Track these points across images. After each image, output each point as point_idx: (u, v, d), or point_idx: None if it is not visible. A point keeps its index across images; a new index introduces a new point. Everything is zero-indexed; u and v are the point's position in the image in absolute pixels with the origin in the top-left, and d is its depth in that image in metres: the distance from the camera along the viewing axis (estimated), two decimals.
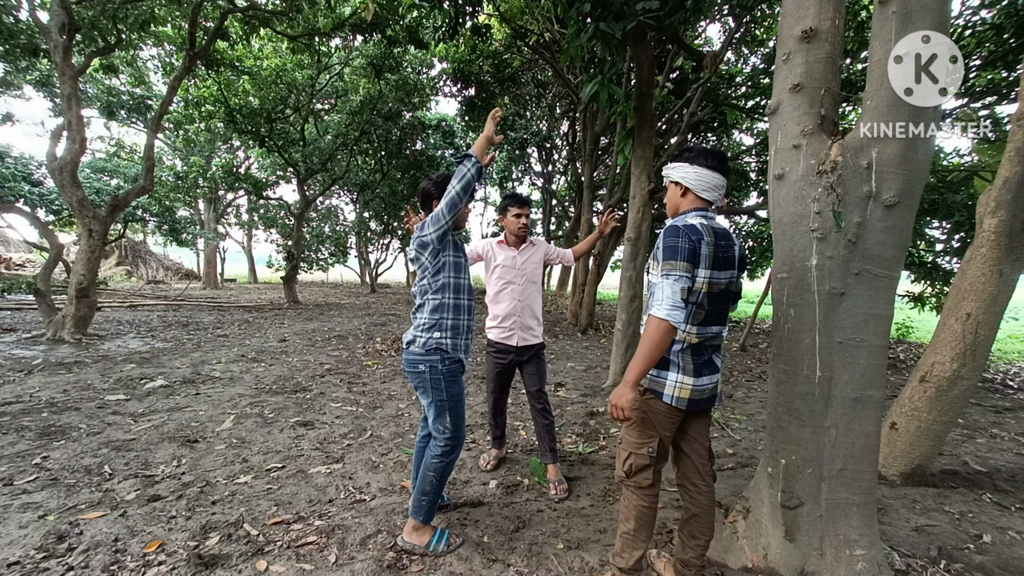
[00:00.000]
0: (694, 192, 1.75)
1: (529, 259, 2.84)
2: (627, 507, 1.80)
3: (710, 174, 1.72)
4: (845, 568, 1.81)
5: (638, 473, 1.76)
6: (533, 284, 2.85)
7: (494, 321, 2.82)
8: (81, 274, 6.67)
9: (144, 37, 8.39)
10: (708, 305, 1.68)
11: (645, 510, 1.77)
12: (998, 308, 2.67)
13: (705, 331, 1.71)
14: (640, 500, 1.77)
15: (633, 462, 1.76)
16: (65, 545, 2.06)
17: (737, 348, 7.67)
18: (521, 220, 2.76)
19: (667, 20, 4.12)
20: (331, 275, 26.26)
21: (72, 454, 2.98)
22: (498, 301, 2.81)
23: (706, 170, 1.72)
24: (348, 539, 2.16)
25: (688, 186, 1.75)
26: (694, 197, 1.76)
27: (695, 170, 1.74)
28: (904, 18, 1.67)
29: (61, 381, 4.60)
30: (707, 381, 1.72)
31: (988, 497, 2.81)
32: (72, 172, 6.58)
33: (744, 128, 10.47)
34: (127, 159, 17.95)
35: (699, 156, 1.74)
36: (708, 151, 1.75)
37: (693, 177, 1.74)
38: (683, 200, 1.79)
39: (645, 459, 1.75)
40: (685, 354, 1.70)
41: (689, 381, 1.69)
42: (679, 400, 1.69)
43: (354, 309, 12.28)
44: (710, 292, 1.66)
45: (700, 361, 1.71)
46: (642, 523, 1.77)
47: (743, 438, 3.70)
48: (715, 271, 1.66)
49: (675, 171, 1.79)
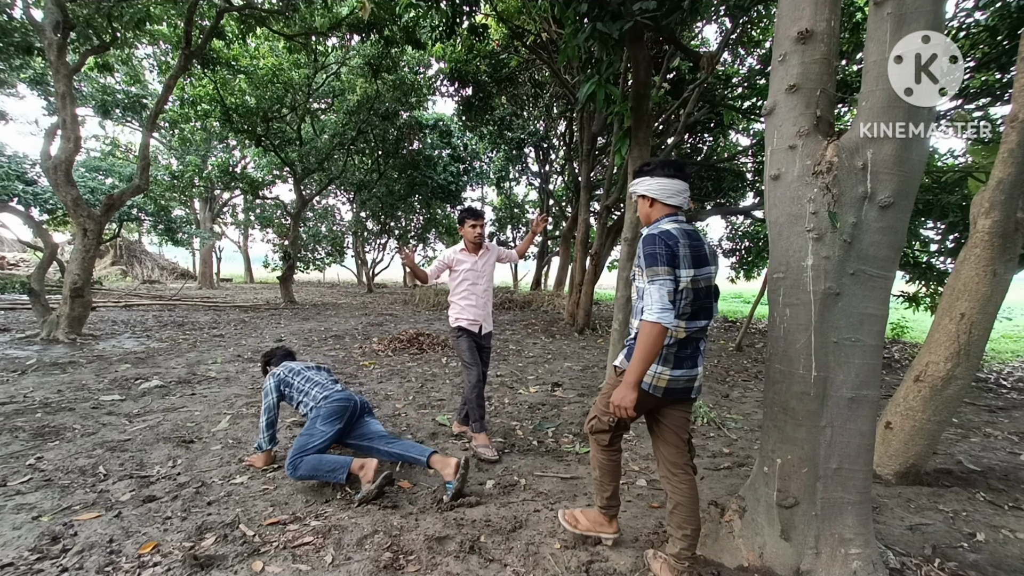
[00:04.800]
0: (660, 201, 1.92)
1: (487, 262, 3.43)
2: (593, 458, 2.13)
3: (670, 182, 1.89)
4: (840, 567, 1.82)
5: (597, 433, 2.06)
6: (490, 282, 3.46)
7: (464, 313, 3.32)
8: (76, 274, 6.63)
9: (139, 35, 8.34)
10: (695, 301, 1.80)
11: (605, 462, 2.09)
12: (992, 308, 2.69)
13: (693, 325, 1.83)
14: (600, 453, 2.09)
15: (594, 423, 2.06)
16: (59, 546, 2.04)
17: (733, 348, 7.70)
18: (476, 230, 3.31)
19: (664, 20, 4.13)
20: (328, 275, 26.22)
21: (66, 455, 2.96)
22: (467, 298, 3.34)
23: (666, 179, 1.90)
24: (345, 539, 2.15)
25: (654, 196, 1.92)
26: (661, 205, 1.92)
27: (656, 181, 1.91)
28: (899, 19, 1.68)
29: (55, 381, 4.57)
30: (686, 373, 1.86)
31: (982, 496, 2.83)
32: (66, 171, 6.54)
33: (740, 129, 10.51)
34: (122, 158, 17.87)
35: (658, 167, 1.93)
36: (665, 162, 1.94)
37: (656, 187, 1.91)
38: (652, 210, 1.95)
39: (604, 426, 2.01)
40: (671, 348, 1.83)
41: (667, 372, 1.84)
42: (655, 388, 1.85)
43: (351, 309, 12.25)
44: (695, 289, 1.79)
45: (684, 354, 1.85)
46: (605, 471, 2.10)
47: (739, 438, 3.71)
48: (696, 269, 1.79)
49: (639, 186, 1.96)
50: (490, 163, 19.06)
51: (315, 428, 2.68)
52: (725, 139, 10.81)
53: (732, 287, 16.27)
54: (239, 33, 8.90)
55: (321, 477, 2.56)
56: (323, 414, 2.73)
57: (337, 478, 2.53)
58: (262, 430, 2.82)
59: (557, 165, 17.10)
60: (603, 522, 2.16)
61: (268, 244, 22.43)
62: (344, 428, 2.76)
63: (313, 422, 2.72)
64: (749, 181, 10.44)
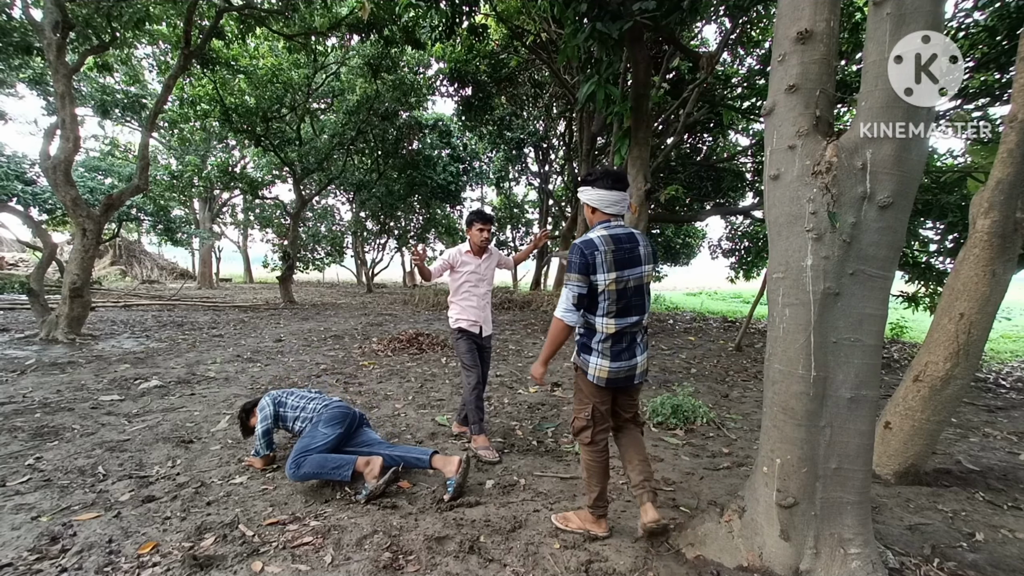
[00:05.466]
0: (600, 210, 2.12)
1: (489, 266, 3.45)
2: (583, 460, 2.24)
3: (609, 193, 2.09)
4: (840, 566, 1.82)
5: (580, 432, 2.19)
6: (490, 285, 3.49)
7: (464, 314, 3.32)
8: (75, 274, 6.62)
9: (139, 35, 8.34)
10: (620, 300, 2.04)
11: (591, 463, 2.19)
12: (991, 308, 2.69)
13: (623, 321, 2.07)
14: (586, 455, 2.20)
15: (575, 424, 2.21)
16: (58, 547, 2.04)
17: (733, 348, 7.70)
18: (484, 234, 3.30)
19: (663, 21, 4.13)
20: (327, 275, 26.19)
21: (66, 455, 2.96)
22: (467, 299, 3.34)
23: (605, 190, 2.09)
24: (344, 539, 2.15)
25: (595, 206, 2.12)
26: (600, 213, 2.13)
27: (597, 192, 2.10)
28: (899, 20, 1.68)
29: (54, 381, 4.57)
30: (624, 365, 2.10)
31: (981, 496, 2.83)
32: (66, 171, 6.54)
33: (740, 129, 10.52)
34: (121, 158, 17.86)
35: (599, 179, 2.11)
36: (606, 173, 2.12)
37: (596, 197, 2.10)
38: (594, 216, 2.16)
39: (583, 422, 2.16)
40: (605, 343, 2.08)
41: (606, 364, 2.09)
42: (599, 379, 2.10)
43: (350, 309, 12.25)
44: (619, 290, 2.03)
45: (618, 348, 2.09)
46: (592, 472, 2.20)
47: (739, 438, 3.72)
48: (619, 271, 2.02)
49: (583, 194, 2.15)
50: (490, 163, 19.07)
51: (316, 431, 2.69)
52: (725, 139, 10.82)
53: (731, 287, 16.29)
54: (238, 33, 8.91)
55: (325, 475, 2.55)
56: (324, 419, 2.74)
57: (342, 475, 2.53)
58: (258, 437, 2.82)
59: (557, 165, 17.11)
60: (593, 521, 2.23)
61: (267, 244, 22.42)
62: (345, 434, 2.77)
63: (314, 427, 2.72)
64: (748, 181, 10.45)
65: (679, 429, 3.81)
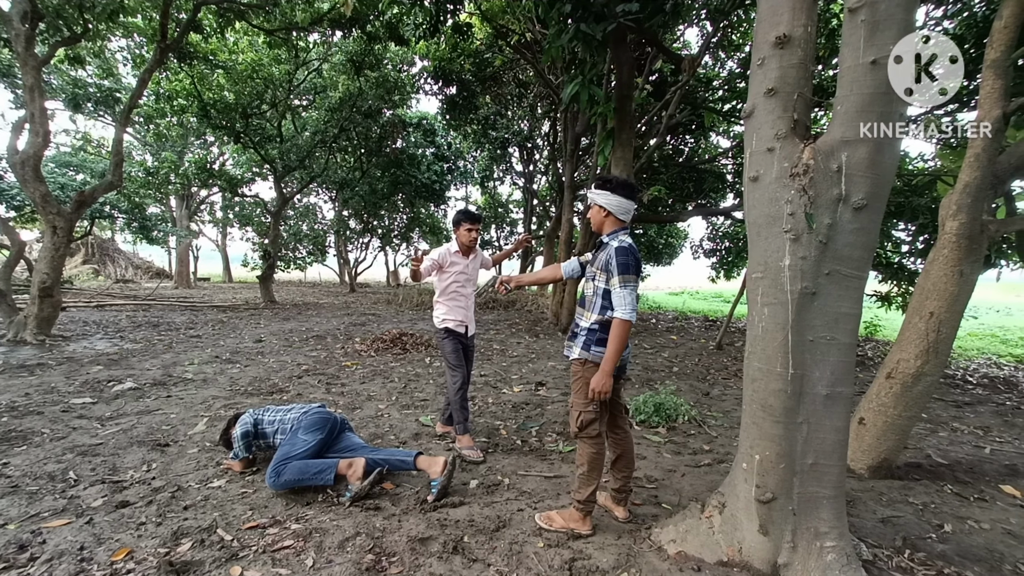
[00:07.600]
0: (615, 215, 2.22)
1: (476, 266, 3.47)
2: (581, 455, 2.24)
3: (626, 202, 2.21)
4: (816, 559, 1.87)
5: (588, 426, 2.19)
6: (475, 285, 3.50)
7: (451, 314, 3.30)
8: (44, 273, 6.40)
9: (113, 28, 8.06)
10: None
11: (595, 456, 2.22)
12: (959, 307, 2.79)
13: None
14: (591, 448, 2.22)
15: (583, 418, 2.19)
16: (27, 555, 1.97)
17: (714, 347, 7.82)
18: (472, 234, 3.28)
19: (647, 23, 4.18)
20: (309, 274, 25.81)
21: (35, 460, 2.86)
22: (455, 299, 3.33)
23: (623, 199, 2.20)
24: (326, 542, 2.12)
25: (611, 211, 2.21)
26: (615, 219, 2.23)
27: (617, 199, 2.20)
28: (872, 26, 1.73)
29: (23, 384, 4.41)
30: (626, 353, 2.24)
31: (949, 488, 2.93)
32: (35, 166, 6.32)
33: (721, 131, 10.67)
34: (94, 153, 17.30)
35: (618, 187, 2.21)
36: (624, 183, 2.23)
37: (616, 203, 2.20)
38: (606, 220, 2.25)
39: (591, 415, 2.18)
40: None
41: None
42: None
43: (333, 309, 12.09)
44: None
45: None
46: (593, 466, 2.22)
47: (719, 435, 3.78)
48: None
49: (600, 197, 2.23)
50: (474, 162, 18.99)
51: (296, 438, 2.65)
52: (706, 141, 10.97)
53: (713, 287, 16.54)
54: (217, 27, 8.70)
55: (306, 482, 2.51)
56: (304, 425, 2.70)
57: (324, 480, 2.50)
58: (236, 439, 2.76)
59: (541, 165, 17.13)
60: (579, 519, 2.26)
61: (248, 243, 21.93)
62: (326, 439, 2.73)
63: (294, 433, 2.68)
64: (729, 183, 10.61)
65: (661, 427, 3.86)
